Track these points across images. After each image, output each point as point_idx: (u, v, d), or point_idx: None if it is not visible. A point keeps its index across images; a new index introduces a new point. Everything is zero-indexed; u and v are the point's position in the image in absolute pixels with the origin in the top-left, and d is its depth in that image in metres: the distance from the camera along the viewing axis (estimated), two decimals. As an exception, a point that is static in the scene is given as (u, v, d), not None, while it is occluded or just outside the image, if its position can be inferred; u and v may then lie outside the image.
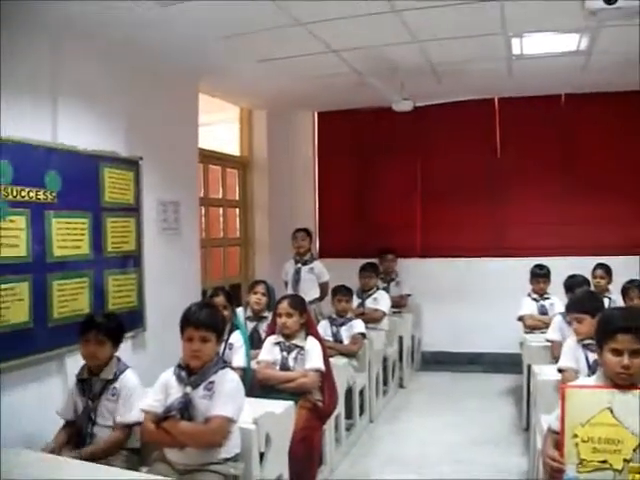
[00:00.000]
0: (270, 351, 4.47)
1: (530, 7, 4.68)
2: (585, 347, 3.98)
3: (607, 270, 6.36)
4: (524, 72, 6.63)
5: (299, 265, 6.89)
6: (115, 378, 3.54)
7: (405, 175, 8.49)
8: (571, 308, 4.29)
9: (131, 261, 5.17)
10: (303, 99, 7.75)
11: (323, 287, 6.85)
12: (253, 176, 7.99)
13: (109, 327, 3.60)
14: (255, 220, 7.99)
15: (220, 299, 4.74)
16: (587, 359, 3.94)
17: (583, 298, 4.56)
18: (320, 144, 8.85)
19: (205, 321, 3.23)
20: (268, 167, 7.99)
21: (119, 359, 3.65)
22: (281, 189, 8.22)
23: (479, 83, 7.06)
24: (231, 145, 7.87)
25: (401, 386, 7.22)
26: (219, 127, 8.07)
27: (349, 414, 5.40)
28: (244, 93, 7.20)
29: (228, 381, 3.20)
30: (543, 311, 6.22)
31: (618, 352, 2.54)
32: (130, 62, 5.19)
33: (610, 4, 4.01)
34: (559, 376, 4.00)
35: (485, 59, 6.13)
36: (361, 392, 5.70)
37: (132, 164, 5.18)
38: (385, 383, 6.63)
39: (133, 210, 5.20)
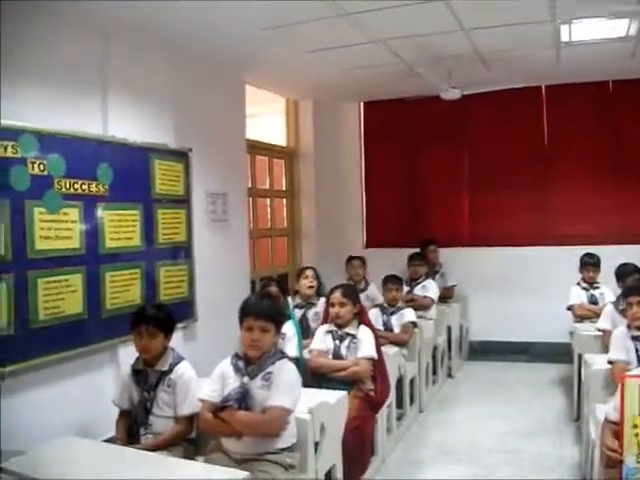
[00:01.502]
0: (322, 340, 4.51)
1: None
2: (635, 338, 3.95)
3: (659, 258, 6.27)
4: (572, 59, 6.53)
5: None
6: (170, 369, 3.57)
7: (452, 164, 8.44)
8: (633, 291, 4.19)
9: (182, 252, 5.23)
10: (349, 89, 7.74)
11: None
12: (300, 166, 8.01)
13: (160, 318, 3.62)
14: (302, 210, 8.01)
15: (274, 288, 4.79)
16: (637, 350, 3.92)
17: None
18: (366, 134, 8.82)
19: (265, 311, 3.25)
20: (314, 157, 7.99)
21: (173, 350, 3.68)
22: (327, 179, 8.23)
23: (527, 71, 6.97)
24: (278, 136, 7.90)
25: (450, 375, 7.23)
26: (266, 118, 8.10)
27: (400, 403, 5.41)
28: (290, 84, 7.21)
29: (286, 371, 3.22)
30: (593, 300, 6.17)
31: None
32: (178, 55, 5.25)
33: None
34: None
35: (533, 46, 6.06)
36: (411, 381, 5.72)
37: (182, 156, 5.25)
38: (434, 372, 6.64)
39: (183, 201, 5.27)
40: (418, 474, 4.65)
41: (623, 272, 5.63)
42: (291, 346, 4.45)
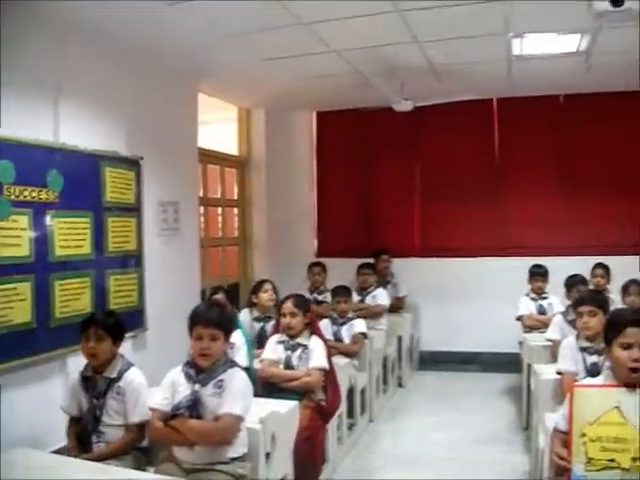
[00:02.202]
0: (274, 350, 4.48)
1: (531, 8, 4.69)
2: (583, 349, 4.01)
3: (606, 269, 6.40)
4: (524, 73, 6.65)
5: (314, 295, 7.00)
6: (119, 377, 3.52)
7: (404, 175, 8.50)
8: (585, 302, 4.23)
9: (132, 261, 5.17)
10: (302, 99, 7.76)
11: None
12: (252, 175, 7.96)
13: (108, 323, 3.57)
14: (253, 219, 7.96)
15: (220, 296, 4.76)
16: (585, 362, 3.97)
17: (593, 293, 4.61)
18: (319, 144, 8.85)
19: (214, 319, 3.24)
20: (266, 166, 7.96)
21: (123, 357, 3.64)
22: (280, 188, 8.21)
23: (479, 83, 7.08)
24: (229, 144, 7.85)
25: (400, 385, 7.25)
26: (217, 126, 8.06)
27: (350, 413, 5.41)
28: (243, 92, 7.18)
29: (238, 379, 3.21)
30: (541, 311, 6.26)
31: (628, 346, 2.57)
32: (131, 62, 5.21)
33: (617, 6, 4.03)
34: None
35: (485, 59, 6.16)
36: (362, 391, 5.72)
37: (133, 164, 5.19)
38: (385, 382, 6.66)
39: (134, 210, 5.21)
40: (369, 481, 4.67)
41: (572, 283, 5.73)
42: (241, 355, 4.39)
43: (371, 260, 7.57)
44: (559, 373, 4.06)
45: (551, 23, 5.14)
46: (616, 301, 5.79)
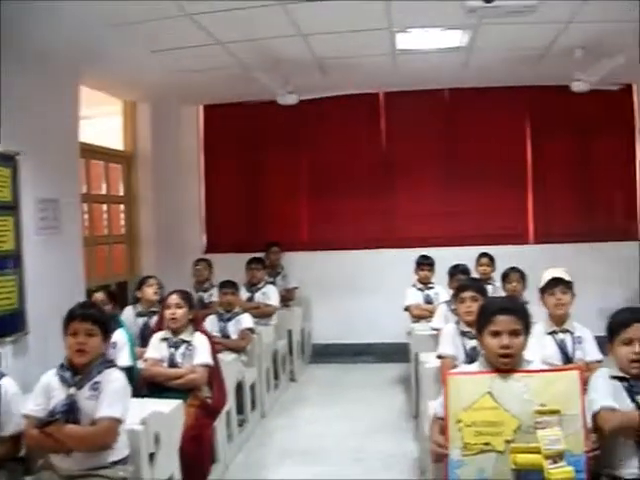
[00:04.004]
0: (157, 348, 4.39)
1: (413, 3, 4.78)
2: (464, 334, 4.13)
3: (491, 259, 6.61)
4: (408, 67, 6.78)
5: (200, 293, 6.93)
6: (-11, 388, 3.34)
7: (291, 168, 8.55)
8: (467, 288, 4.36)
9: (10, 262, 4.91)
10: (188, 92, 7.65)
11: None
12: (137, 171, 7.77)
13: None
14: (140, 216, 7.78)
15: (99, 295, 4.62)
16: (465, 346, 4.10)
17: (474, 280, 4.74)
18: (206, 138, 8.74)
19: (91, 315, 3.15)
20: (153, 161, 7.79)
21: None
22: (167, 184, 8.06)
23: (365, 77, 7.16)
24: (115, 139, 7.64)
25: (292, 379, 7.26)
26: (102, 120, 7.82)
27: (240, 409, 5.37)
28: (127, 85, 7.00)
29: (114, 380, 3.11)
30: (428, 300, 6.39)
31: (497, 333, 2.63)
32: (5, 52, 4.94)
33: (488, 2, 4.13)
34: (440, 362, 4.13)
35: (370, 53, 6.23)
36: (252, 387, 5.69)
37: (9, 160, 4.93)
38: (276, 377, 6.65)
39: (11, 208, 4.95)
40: (262, 478, 4.65)
41: (454, 272, 5.88)
42: (123, 355, 4.29)
43: (261, 255, 7.52)
44: (439, 357, 4.19)
45: (433, 19, 5.25)
46: (500, 289, 5.98)
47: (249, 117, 8.41)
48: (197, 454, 3.97)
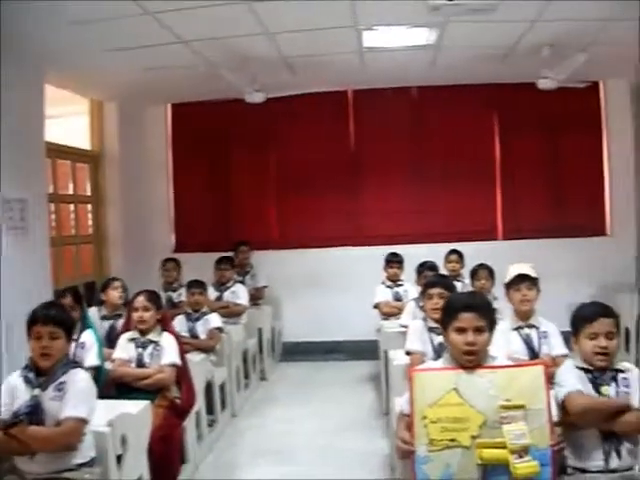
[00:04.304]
0: (125, 348, 4.35)
1: (378, 2, 4.78)
2: (431, 330, 4.15)
3: (460, 255, 6.64)
4: (376, 65, 6.79)
5: (169, 293, 6.88)
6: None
7: (260, 167, 8.52)
8: (435, 284, 4.39)
9: (-26, 262, 4.88)
10: (155, 91, 7.59)
11: None
12: (105, 171, 7.71)
13: None
14: (108, 216, 7.72)
15: (67, 300, 4.54)
16: (432, 342, 4.12)
17: (441, 277, 4.77)
18: (174, 137, 8.67)
19: (54, 317, 3.11)
20: (120, 161, 7.74)
21: None
22: (134, 184, 8.02)
23: (332, 75, 7.16)
24: (82, 139, 7.57)
25: (263, 378, 7.23)
26: (68, 120, 7.74)
27: (210, 409, 5.34)
28: (93, 84, 6.95)
29: (79, 381, 3.08)
30: (398, 297, 6.42)
31: (462, 330, 2.64)
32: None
33: (450, 0, 4.15)
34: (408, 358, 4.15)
35: (337, 51, 6.23)
36: (222, 387, 5.66)
37: (-28, 160, 4.89)
38: (246, 376, 6.62)
39: (-25, 209, 4.91)
40: (233, 477, 4.63)
41: (422, 269, 5.91)
42: (91, 355, 4.24)
43: (230, 254, 7.49)
44: (408, 353, 4.21)
45: (399, 17, 5.26)
46: (469, 286, 6.00)
47: (217, 115, 8.37)
48: (166, 455, 3.94)
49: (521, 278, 4.00)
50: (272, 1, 4.66)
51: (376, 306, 6.43)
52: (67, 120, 7.69)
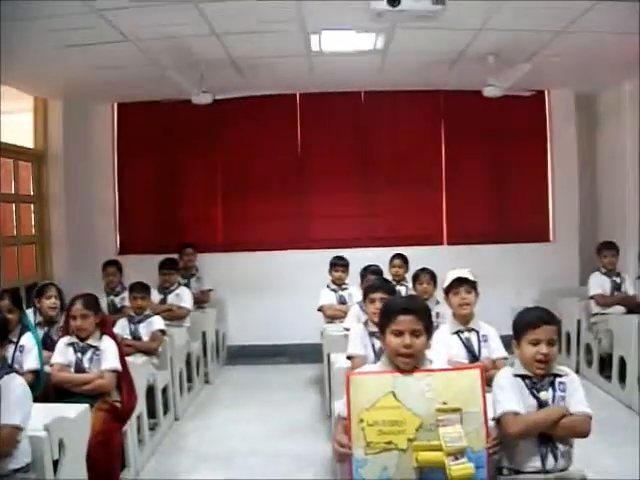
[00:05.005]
0: (63, 353, 4.25)
1: (326, 5, 4.81)
2: (372, 334, 4.18)
3: (404, 260, 6.71)
4: (324, 69, 6.83)
5: (111, 297, 6.75)
6: None
7: (206, 169, 8.47)
8: (377, 289, 4.41)
9: None
10: (102, 89, 7.49)
11: None
12: (48, 170, 7.58)
13: None
14: (51, 216, 7.60)
15: (4, 302, 4.43)
16: (374, 346, 4.16)
17: (384, 281, 4.80)
18: (120, 137, 8.54)
19: None
20: (65, 160, 7.61)
21: None
22: (79, 183, 7.90)
23: (280, 78, 7.17)
24: (24, 136, 7.42)
25: (207, 382, 7.17)
26: (11, 117, 7.56)
27: (152, 413, 5.27)
28: (38, 81, 6.83)
29: (14, 387, 3.02)
30: (342, 301, 6.47)
31: (399, 333, 2.66)
32: None
33: (394, 6, 4.18)
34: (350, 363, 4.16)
35: (285, 54, 6.25)
36: (164, 390, 5.59)
37: None
38: (190, 380, 6.54)
39: None
40: (175, 482, 4.57)
41: (366, 273, 5.96)
42: (31, 358, 4.16)
43: (175, 256, 7.42)
44: (349, 357, 4.24)
45: (347, 21, 5.29)
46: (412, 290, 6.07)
47: (164, 116, 8.27)
48: (105, 460, 3.86)
49: (459, 282, 4.05)
50: (221, 2, 4.64)
51: (320, 309, 6.46)
52: (10, 117, 7.51)
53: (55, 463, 3.24)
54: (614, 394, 6.04)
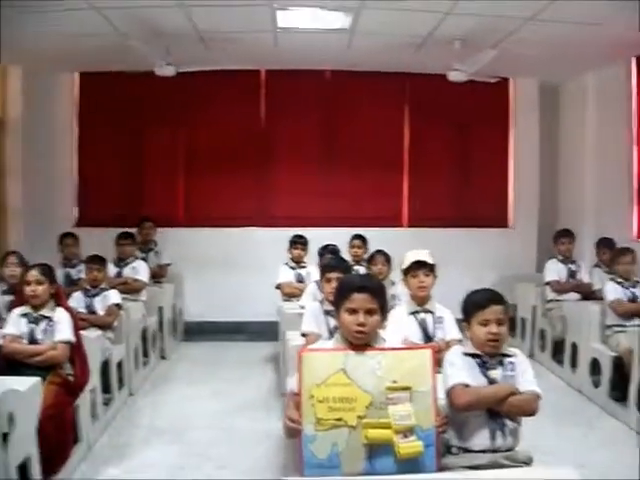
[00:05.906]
0: (16, 323, 4.19)
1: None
2: (327, 313, 4.20)
3: (363, 240, 6.77)
4: (290, 45, 6.81)
5: (67, 269, 6.68)
6: None
7: (169, 142, 8.42)
8: (333, 268, 4.43)
9: None
10: (63, 58, 7.35)
11: None
12: (6, 138, 7.44)
13: None
14: (8, 186, 7.47)
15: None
16: (328, 324, 4.18)
17: (341, 261, 4.82)
18: (81, 107, 8.40)
19: None
20: (23, 129, 7.49)
21: None
22: (37, 153, 7.77)
23: (246, 53, 7.12)
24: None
25: (163, 357, 7.14)
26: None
27: (106, 388, 5.22)
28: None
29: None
30: (300, 279, 6.53)
31: (353, 311, 2.67)
32: None
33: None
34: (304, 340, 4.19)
35: (251, 29, 6.21)
36: (119, 364, 5.55)
37: None
38: (145, 355, 6.50)
39: None
40: (127, 457, 4.53)
41: (324, 252, 6.01)
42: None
43: (133, 230, 7.33)
44: (303, 335, 4.27)
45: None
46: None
47: (127, 87, 8.10)
48: (57, 434, 3.83)
49: (418, 265, 4.07)
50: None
51: (278, 287, 6.49)
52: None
53: (4, 436, 3.20)
54: (565, 378, 6.18)
